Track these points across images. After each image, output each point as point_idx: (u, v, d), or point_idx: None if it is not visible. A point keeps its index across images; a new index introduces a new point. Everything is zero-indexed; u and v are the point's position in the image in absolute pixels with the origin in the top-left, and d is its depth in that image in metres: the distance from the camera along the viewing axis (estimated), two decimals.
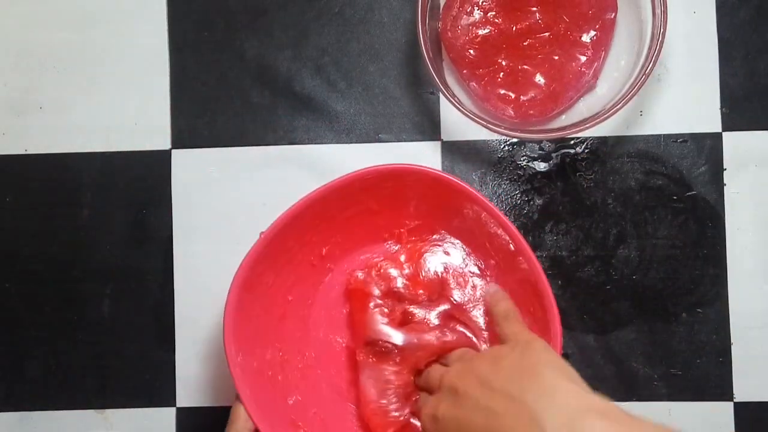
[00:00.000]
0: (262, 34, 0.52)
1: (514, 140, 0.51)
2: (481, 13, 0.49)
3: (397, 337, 0.45)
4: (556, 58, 0.49)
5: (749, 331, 0.50)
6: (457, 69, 0.50)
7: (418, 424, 0.45)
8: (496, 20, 0.49)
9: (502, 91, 0.49)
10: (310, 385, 0.48)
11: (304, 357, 0.48)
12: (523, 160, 0.51)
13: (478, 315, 0.47)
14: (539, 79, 0.49)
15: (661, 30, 0.45)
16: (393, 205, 0.47)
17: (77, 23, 0.53)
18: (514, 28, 0.49)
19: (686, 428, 0.50)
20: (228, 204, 0.52)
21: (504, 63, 0.49)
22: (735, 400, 0.50)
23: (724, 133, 0.51)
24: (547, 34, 0.49)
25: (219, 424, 0.51)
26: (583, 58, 0.49)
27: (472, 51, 0.49)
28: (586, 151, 0.51)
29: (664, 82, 0.51)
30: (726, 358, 0.50)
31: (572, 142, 0.51)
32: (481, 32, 0.49)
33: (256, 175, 0.52)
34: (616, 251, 0.50)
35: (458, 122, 0.51)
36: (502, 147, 0.51)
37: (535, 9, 0.49)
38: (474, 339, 0.46)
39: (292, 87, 0.52)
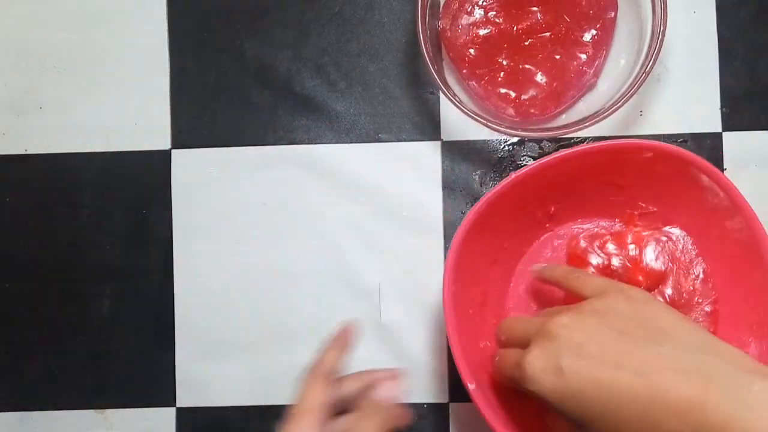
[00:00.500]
0: (262, 34, 0.52)
1: (514, 140, 0.51)
2: (482, 13, 0.49)
3: None
4: (558, 57, 0.49)
5: None
6: (457, 68, 0.50)
7: None
8: (497, 20, 0.49)
9: (503, 91, 0.49)
10: None
11: (501, 306, 0.49)
12: (524, 160, 0.51)
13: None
14: (540, 78, 0.49)
15: (661, 28, 0.45)
16: (638, 184, 0.47)
17: (77, 23, 0.53)
18: (515, 28, 0.49)
19: None
20: (228, 204, 0.52)
21: (505, 63, 0.49)
22: None
23: (724, 133, 0.51)
24: (548, 33, 0.49)
25: (219, 424, 0.51)
26: (585, 57, 0.49)
27: (472, 51, 0.49)
28: None
29: (664, 81, 0.51)
30: None
31: (572, 141, 0.51)
32: (481, 32, 0.49)
33: (256, 175, 0.52)
34: None
35: (458, 122, 0.51)
36: (502, 147, 0.51)
37: (536, 9, 0.49)
38: None
39: (292, 87, 0.52)
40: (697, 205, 0.46)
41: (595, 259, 0.48)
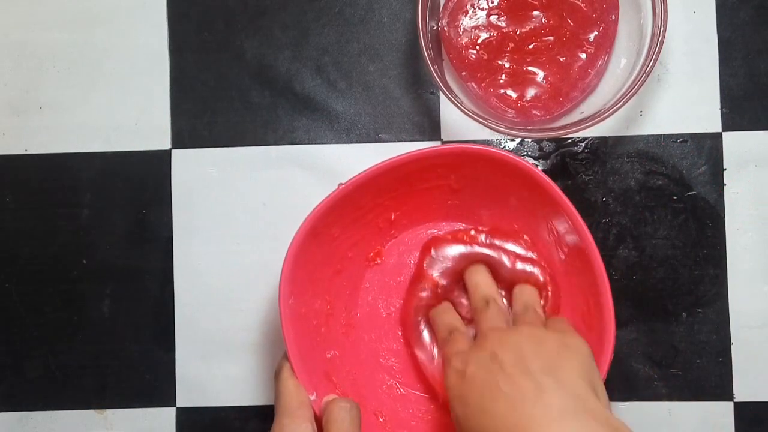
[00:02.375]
0: (262, 34, 0.52)
1: (515, 140, 0.51)
2: (484, 16, 0.49)
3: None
4: (562, 59, 0.49)
5: (749, 331, 0.50)
6: (456, 70, 0.50)
7: None
8: (499, 23, 0.49)
9: (504, 92, 0.49)
10: (349, 344, 0.48)
11: (350, 315, 0.49)
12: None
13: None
14: (543, 80, 0.49)
15: (661, 29, 0.45)
16: (470, 186, 0.47)
17: (77, 23, 0.53)
18: (518, 32, 0.49)
19: (686, 428, 0.50)
20: (228, 204, 0.52)
21: (507, 65, 0.49)
22: (735, 400, 0.50)
23: (724, 133, 0.51)
24: (551, 37, 0.49)
25: (219, 424, 0.51)
26: (587, 59, 0.49)
27: (473, 53, 0.49)
28: (586, 151, 0.51)
29: (664, 82, 0.51)
30: (726, 358, 0.50)
31: (572, 141, 0.51)
32: (483, 35, 0.49)
33: (256, 175, 0.52)
34: (616, 251, 0.50)
35: (458, 122, 0.51)
36: (502, 147, 0.51)
37: (539, 13, 0.49)
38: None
39: (292, 87, 0.52)
40: (523, 203, 0.46)
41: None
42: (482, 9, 0.49)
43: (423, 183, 0.47)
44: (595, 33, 0.49)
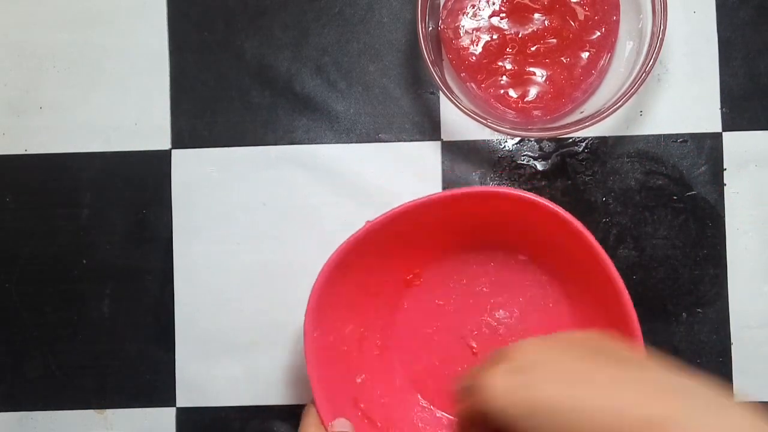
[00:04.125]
0: (262, 34, 0.52)
1: (515, 140, 0.51)
2: (485, 18, 0.49)
3: None
4: (565, 60, 0.49)
5: (749, 331, 0.50)
6: (456, 71, 0.50)
7: None
8: (501, 25, 0.49)
9: (505, 93, 0.49)
10: (383, 367, 0.48)
11: (386, 337, 0.48)
12: (524, 160, 0.51)
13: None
14: (546, 81, 0.49)
15: (661, 28, 0.45)
16: (511, 221, 0.46)
17: (77, 23, 0.53)
18: (520, 34, 0.49)
19: None
20: (228, 204, 0.52)
21: (508, 66, 0.49)
22: (735, 400, 0.50)
23: (724, 133, 0.51)
24: (554, 39, 0.49)
25: (219, 424, 0.51)
26: (590, 59, 0.49)
27: (473, 54, 0.49)
28: (586, 151, 0.51)
29: (664, 82, 0.51)
30: (726, 358, 0.50)
31: (572, 141, 0.51)
32: (484, 37, 0.49)
33: (256, 175, 0.52)
34: (616, 251, 0.50)
35: (458, 122, 0.51)
36: (502, 147, 0.51)
37: (541, 15, 0.49)
38: None
39: (292, 87, 0.52)
40: (540, 237, 0.46)
41: None
42: (482, 11, 0.49)
43: (460, 216, 0.46)
44: (598, 34, 0.49)
